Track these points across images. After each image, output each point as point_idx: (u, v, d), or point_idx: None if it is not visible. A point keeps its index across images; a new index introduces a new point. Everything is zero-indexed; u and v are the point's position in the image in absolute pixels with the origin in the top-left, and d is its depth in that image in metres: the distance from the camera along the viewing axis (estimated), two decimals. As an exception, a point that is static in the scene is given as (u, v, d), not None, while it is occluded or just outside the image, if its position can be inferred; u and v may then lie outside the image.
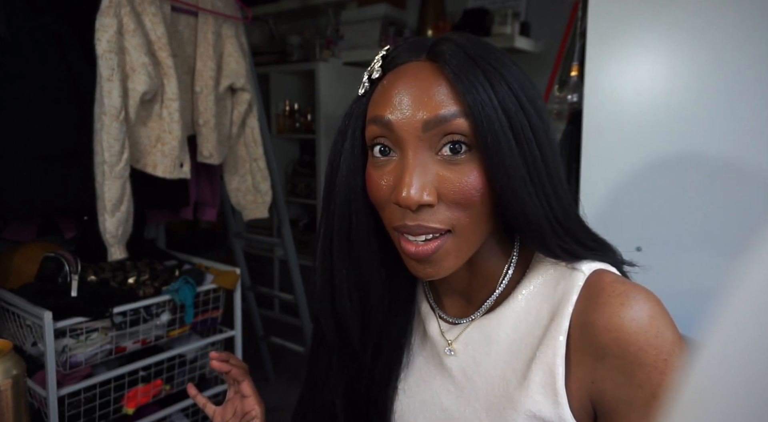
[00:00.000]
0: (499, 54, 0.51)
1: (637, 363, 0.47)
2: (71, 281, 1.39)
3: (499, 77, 0.49)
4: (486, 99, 0.47)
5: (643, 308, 0.48)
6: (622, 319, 0.48)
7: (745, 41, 0.94)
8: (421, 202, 0.48)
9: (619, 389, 0.48)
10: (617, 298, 0.49)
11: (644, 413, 0.47)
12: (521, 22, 2.36)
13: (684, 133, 1.01)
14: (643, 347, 0.47)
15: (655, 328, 0.47)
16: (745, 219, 0.96)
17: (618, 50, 1.06)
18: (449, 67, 0.49)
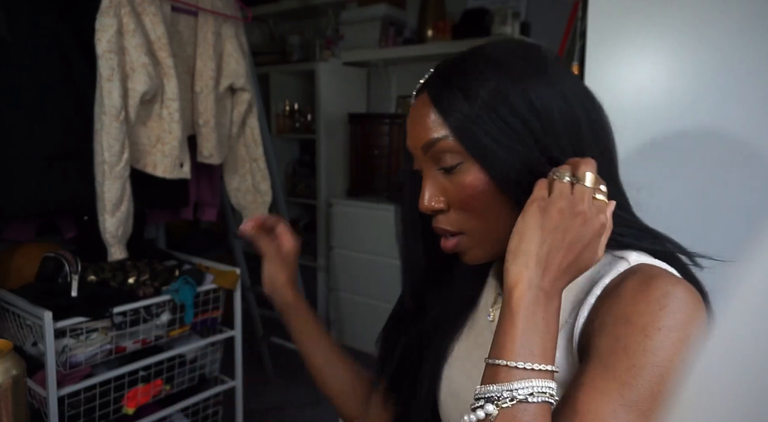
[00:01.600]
0: (484, 66, 0.56)
1: (626, 320, 0.49)
2: (71, 281, 1.39)
3: (478, 92, 0.55)
4: (462, 118, 0.55)
5: (659, 284, 0.50)
6: (632, 291, 0.50)
7: (745, 41, 0.94)
8: (432, 209, 0.59)
9: (600, 339, 0.50)
10: (641, 278, 0.51)
11: (609, 362, 0.48)
12: (521, 22, 2.36)
13: (684, 133, 1.01)
14: (641, 312, 0.49)
15: (662, 303, 0.48)
16: (745, 219, 0.96)
17: (618, 50, 1.06)
18: (431, 97, 0.58)
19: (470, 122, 0.54)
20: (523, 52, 0.58)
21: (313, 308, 0.89)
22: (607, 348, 0.49)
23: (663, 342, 0.47)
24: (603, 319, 0.52)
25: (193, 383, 1.68)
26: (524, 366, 0.46)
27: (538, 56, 0.57)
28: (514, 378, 0.46)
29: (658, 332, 0.47)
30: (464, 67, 0.58)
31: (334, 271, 2.83)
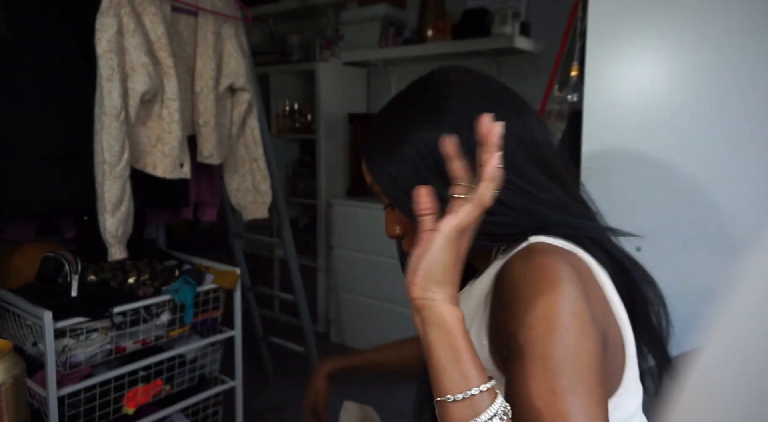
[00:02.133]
0: (390, 119, 0.66)
1: (515, 298, 0.54)
2: (71, 281, 1.39)
3: (391, 150, 0.63)
4: (380, 172, 0.64)
5: (534, 260, 0.55)
6: (514, 269, 0.56)
7: (745, 41, 0.94)
8: (392, 236, 0.71)
9: (503, 322, 0.55)
10: (523, 255, 0.57)
11: (517, 340, 0.52)
12: (521, 22, 2.37)
13: (684, 133, 1.01)
14: (523, 285, 0.54)
15: (539, 273, 0.53)
16: (745, 219, 0.96)
17: (618, 50, 1.06)
18: (363, 156, 0.68)
19: (382, 173, 0.64)
20: (421, 97, 0.65)
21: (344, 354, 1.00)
22: (513, 338, 0.53)
23: (550, 307, 0.51)
24: (501, 308, 0.57)
25: (193, 383, 1.68)
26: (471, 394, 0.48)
27: (433, 98, 0.64)
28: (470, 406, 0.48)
29: (541, 298, 0.51)
30: (379, 121, 0.68)
31: (334, 271, 2.83)
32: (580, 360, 0.49)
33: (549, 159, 0.63)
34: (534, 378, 0.49)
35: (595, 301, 0.56)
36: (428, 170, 0.60)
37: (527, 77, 2.53)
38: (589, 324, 0.51)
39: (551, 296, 0.51)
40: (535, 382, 0.49)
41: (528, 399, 0.49)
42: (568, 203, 0.63)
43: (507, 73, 2.60)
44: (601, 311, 0.56)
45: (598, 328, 0.53)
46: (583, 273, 0.56)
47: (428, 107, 0.63)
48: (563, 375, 0.48)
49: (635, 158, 1.06)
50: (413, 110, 0.63)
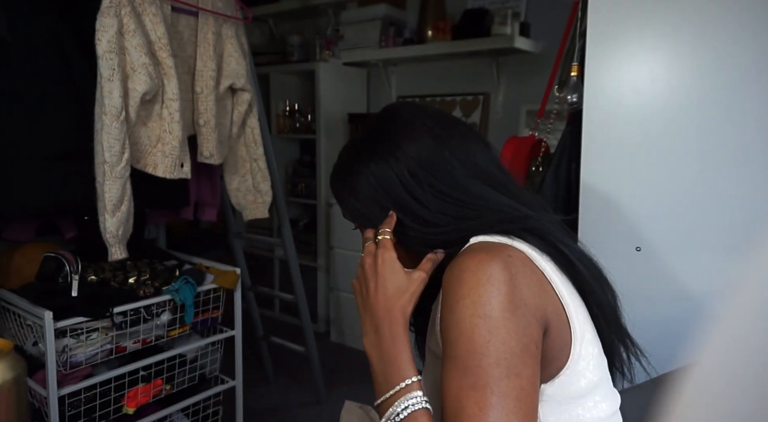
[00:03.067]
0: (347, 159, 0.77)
1: (443, 302, 0.62)
2: (71, 281, 1.39)
3: (351, 186, 0.74)
4: (345, 204, 0.77)
5: (461, 263, 0.62)
6: (449, 272, 0.64)
7: (745, 41, 0.94)
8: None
9: (440, 322, 0.64)
10: (458, 258, 0.64)
11: (443, 340, 0.61)
12: (521, 22, 2.37)
13: (684, 133, 1.01)
14: (447, 290, 0.62)
15: (459, 278, 0.61)
16: (746, 220, 0.97)
17: (618, 50, 1.06)
18: (332, 190, 0.80)
19: (346, 204, 0.76)
20: (372, 135, 0.75)
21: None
22: (443, 338, 0.62)
23: (462, 311, 0.59)
24: (440, 309, 0.64)
25: (193, 383, 1.68)
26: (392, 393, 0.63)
27: (381, 135, 0.74)
28: (390, 404, 0.62)
29: (457, 304, 0.60)
30: (340, 159, 0.79)
31: (334, 271, 2.83)
32: (484, 358, 0.57)
33: (493, 174, 0.73)
34: (447, 376, 0.59)
35: (529, 284, 0.62)
36: (383, 200, 0.72)
37: (527, 77, 2.53)
38: (500, 320, 0.58)
39: (464, 302, 0.59)
40: (447, 380, 0.59)
41: (444, 394, 0.59)
42: (516, 207, 0.71)
43: (507, 74, 2.60)
44: (537, 293, 0.62)
45: (528, 316, 0.60)
46: (516, 262, 0.63)
47: (378, 146, 0.73)
48: (467, 372, 0.57)
49: (635, 158, 1.06)
50: (367, 150, 0.74)
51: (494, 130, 2.67)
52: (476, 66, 2.66)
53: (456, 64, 2.74)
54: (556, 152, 1.26)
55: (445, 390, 0.58)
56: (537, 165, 1.35)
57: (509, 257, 0.62)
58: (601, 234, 1.10)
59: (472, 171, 0.71)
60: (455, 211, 0.69)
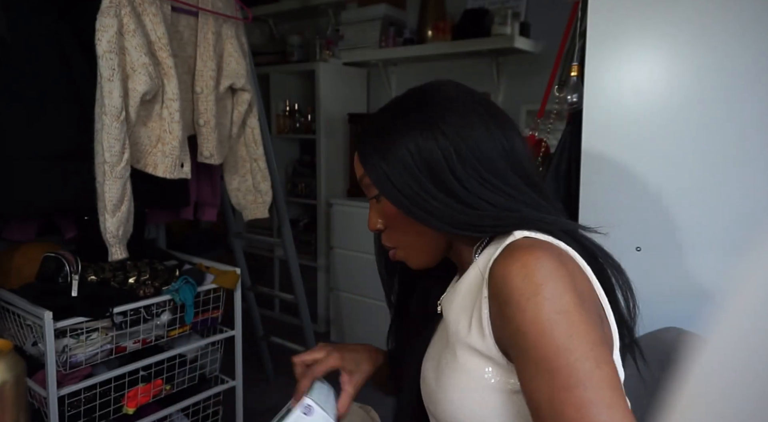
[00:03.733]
0: (383, 124, 0.72)
1: (507, 301, 0.58)
2: (71, 281, 1.39)
3: (385, 148, 0.70)
4: (372, 165, 0.71)
5: (520, 258, 0.59)
6: (502, 268, 0.60)
7: (746, 41, 0.94)
8: (374, 229, 0.78)
9: (502, 327, 0.60)
10: (509, 253, 0.61)
11: (518, 345, 0.57)
12: (521, 22, 2.37)
13: (684, 133, 1.01)
14: (512, 288, 0.58)
15: (523, 274, 0.57)
16: (746, 220, 0.97)
17: (618, 50, 1.06)
18: (358, 147, 0.75)
19: (374, 166, 0.71)
20: (417, 104, 0.72)
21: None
22: (513, 341, 0.58)
23: (537, 310, 0.55)
24: (498, 309, 0.61)
25: (193, 383, 1.68)
26: None
27: (428, 107, 0.71)
28: None
29: (528, 302, 0.56)
30: (377, 120, 0.74)
31: (334, 271, 2.83)
32: (571, 354, 0.53)
33: (527, 169, 0.71)
34: (533, 382, 0.55)
35: (583, 286, 0.61)
36: (416, 167, 0.68)
37: (527, 77, 2.53)
38: (576, 314, 0.55)
39: (536, 299, 0.56)
40: (534, 386, 0.54)
41: (536, 403, 0.54)
42: (542, 205, 0.70)
43: (507, 74, 2.60)
44: (590, 294, 0.61)
45: (593, 309, 0.59)
46: (568, 263, 0.61)
47: (423, 115, 0.70)
48: (556, 373, 0.53)
49: (635, 158, 1.06)
50: (409, 116, 0.71)
51: (494, 130, 2.67)
52: (476, 66, 2.66)
53: (456, 64, 2.74)
54: (556, 152, 1.26)
55: (536, 399, 0.54)
56: (537, 165, 1.35)
57: (561, 255, 0.61)
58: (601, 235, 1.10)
59: (512, 163, 0.70)
60: (494, 199, 0.67)
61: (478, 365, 0.64)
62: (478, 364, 0.64)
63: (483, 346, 0.63)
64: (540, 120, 1.48)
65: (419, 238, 0.73)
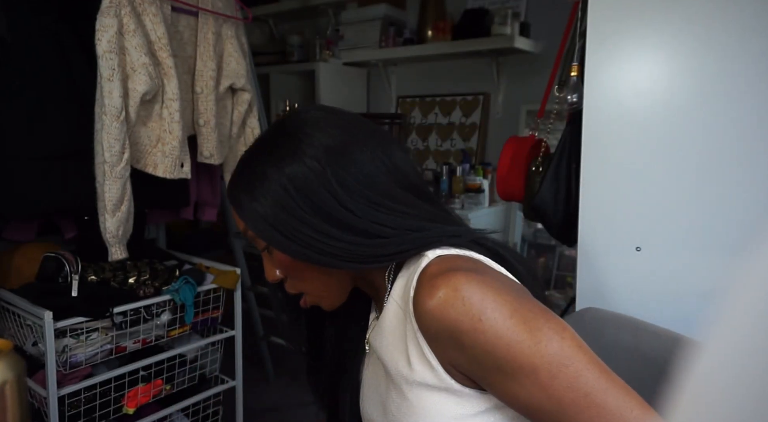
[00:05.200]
0: (250, 166, 0.66)
1: (458, 332, 0.55)
2: (71, 281, 1.39)
3: (256, 189, 0.64)
4: (249, 213, 0.64)
5: (446, 286, 0.56)
6: (432, 302, 0.57)
7: (746, 41, 0.94)
8: (273, 280, 0.71)
9: (460, 356, 0.57)
10: (428, 285, 0.58)
11: (491, 367, 0.55)
12: (521, 22, 2.37)
13: (684, 133, 1.01)
14: (456, 317, 0.55)
15: (459, 298, 0.55)
16: (746, 219, 0.97)
17: (618, 50, 1.06)
18: (230, 201, 0.68)
19: (251, 213, 0.64)
20: (279, 137, 0.66)
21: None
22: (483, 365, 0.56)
23: (493, 325, 0.54)
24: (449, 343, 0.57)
25: (193, 383, 1.68)
26: None
27: (291, 135, 0.65)
28: None
29: (481, 323, 0.54)
30: (242, 165, 0.68)
31: (334, 271, 2.82)
32: (540, 346, 0.53)
33: (413, 181, 0.68)
34: (524, 388, 0.54)
35: (505, 280, 0.61)
36: (296, 204, 0.62)
37: (527, 77, 2.53)
38: (521, 307, 0.55)
39: (487, 316, 0.54)
40: (527, 391, 0.54)
41: (534, 405, 0.54)
42: (439, 215, 0.67)
43: (507, 74, 2.60)
44: (512, 282, 0.62)
45: (522, 291, 0.60)
46: (485, 270, 0.61)
47: (288, 144, 0.65)
48: (540, 369, 0.53)
49: (635, 158, 1.06)
50: (273, 149, 0.65)
51: (494, 130, 2.67)
52: (476, 66, 2.66)
53: (456, 64, 2.74)
54: (556, 152, 1.26)
55: (536, 403, 0.54)
56: (537, 165, 1.35)
57: (476, 265, 0.61)
58: (601, 234, 1.10)
59: (398, 179, 0.66)
60: (392, 221, 0.63)
61: (437, 400, 0.60)
62: (437, 399, 0.60)
63: (435, 380, 0.60)
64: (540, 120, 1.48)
65: (325, 279, 0.69)
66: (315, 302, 0.72)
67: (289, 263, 0.67)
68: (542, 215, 1.27)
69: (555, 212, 1.24)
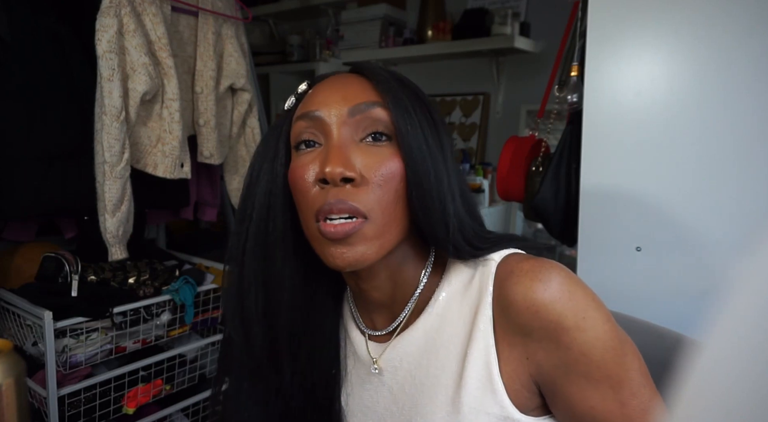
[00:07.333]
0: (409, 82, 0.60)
1: (559, 328, 0.51)
2: (71, 281, 1.39)
3: (408, 84, 0.58)
4: (401, 95, 0.56)
5: (550, 278, 0.52)
6: (535, 293, 0.52)
7: (746, 41, 0.94)
8: (344, 175, 0.52)
9: (551, 356, 0.52)
10: (527, 275, 0.53)
11: (580, 371, 0.51)
12: (521, 22, 2.36)
13: (684, 133, 1.01)
14: (561, 312, 0.51)
15: (566, 293, 0.51)
16: (746, 219, 0.97)
17: (618, 50, 1.06)
18: (371, 74, 0.58)
19: (408, 103, 0.55)
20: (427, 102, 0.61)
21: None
22: (570, 368, 0.51)
23: (596, 326, 0.51)
24: (543, 344, 0.52)
25: (193, 383, 1.68)
26: None
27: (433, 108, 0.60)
28: None
29: (584, 321, 0.51)
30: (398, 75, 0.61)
31: (334, 271, 2.82)
32: (626, 359, 0.51)
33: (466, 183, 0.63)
34: (605, 401, 0.51)
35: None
36: (437, 138, 0.57)
37: (527, 77, 2.53)
38: (610, 315, 0.53)
39: (591, 315, 0.51)
40: (605, 405, 0.51)
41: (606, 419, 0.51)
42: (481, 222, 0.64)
43: (507, 74, 2.60)
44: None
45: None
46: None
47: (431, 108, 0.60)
48: (621, 385, 0.50)
49: (635, 158, 1.06)
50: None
51: (494, 130, 2.67)
52: (476, 66, 2.66)
53: (456, 64, 2.74)
54: (556, 152, 1.26)
55: (610, 418, 0.51)
56: (537, 165, 1.35)
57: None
58: (601, 234, 1.10)
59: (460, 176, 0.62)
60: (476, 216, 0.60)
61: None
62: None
63: (492, 405, 0.53)
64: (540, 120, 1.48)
65: (394, 215, 0.55)
66: (358, 238, 0.53)
67: (392, 169, 0.54)
68: (542, 215, 1.27)
69: (555, 212, 1.24)
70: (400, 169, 0.54)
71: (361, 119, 0.55)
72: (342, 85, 0.57)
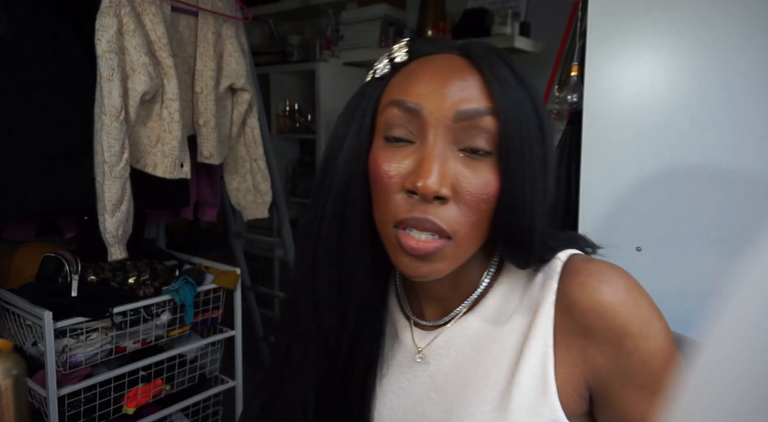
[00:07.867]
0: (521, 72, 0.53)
1: (624, 333, 0.49)
2: (71, 281, 1.39)
3: (524, 83, 0.51)
4: (516, 102, 0.49)
5: (618, 282, 0.50)
6: (603, 295, 0.50)
7: (746, 41, 0.94)
8: (439, 193, 0.48)
9: (610, 361, 0.50)
10: (593, 276, 0.51)
11: (637, 380, 0.49)
12: (521, 23, 2.36)
13: (684, 133, 1.01)
14: (627, 318, 0.49)
15: (634, 298, 0.50)
16: (745, 219, 0.96)
17: (618, 50, 1.06)
18: (484, 64, 0.50)
19: (521, 109, 0.49)
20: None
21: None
22: (628, 376, 0.50)
23: (659, 336, 0.50)
24: (605, 347, 0.50)
25: (193, 383, 1.68)
26: None
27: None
28: None
29: (649, 330, 0.49)
30: (510, 61, 0.52)
31: (334, 271, 2.82)
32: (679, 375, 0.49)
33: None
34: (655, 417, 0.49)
35: None
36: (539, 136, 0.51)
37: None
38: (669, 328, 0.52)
39: (656, 324, 0.50)
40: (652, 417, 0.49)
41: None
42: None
43: (507, 74, 2.60)
44: None
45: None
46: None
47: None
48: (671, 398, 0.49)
49: (635, 158, 1.06)
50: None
51: (494, 130, 2.67)
52: (476, 66, 2.66)
53: (456, 64, 2.74)
54: (556, 152, 1.26)
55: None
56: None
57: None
58: (601, 234, 1.10)
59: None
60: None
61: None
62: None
63: (543, 405, 0.50)
64: (540, 120, 1.48)
65: (479, 236, 0.52)
66: (439, 258, 0.50)
67: (488, 188, 0.49)
68: (542, 215, 1.27)
69: (555, 212, 1.24)
70: (495, 189, 0.49)
71: (466, 127, 0.49)
72: (449, 76, 0.50)
